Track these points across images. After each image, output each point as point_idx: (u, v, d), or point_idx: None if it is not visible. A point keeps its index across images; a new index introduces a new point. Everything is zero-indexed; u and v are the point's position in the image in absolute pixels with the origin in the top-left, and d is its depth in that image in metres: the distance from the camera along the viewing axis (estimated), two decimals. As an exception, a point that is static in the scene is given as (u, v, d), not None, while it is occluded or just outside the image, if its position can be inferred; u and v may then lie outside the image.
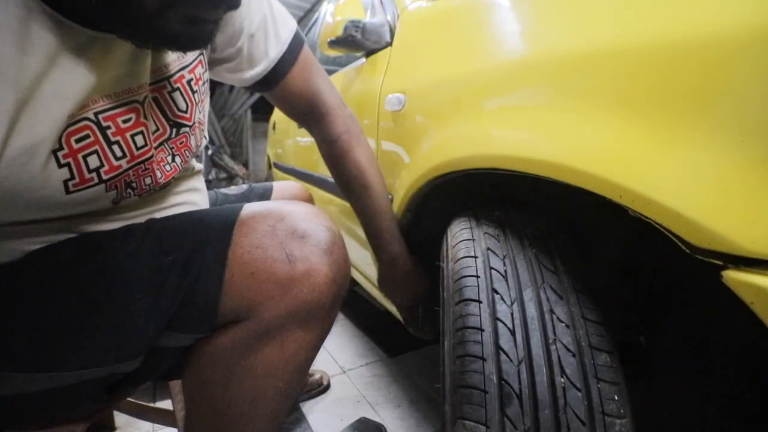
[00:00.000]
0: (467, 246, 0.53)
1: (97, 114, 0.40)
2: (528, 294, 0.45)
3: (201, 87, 0.53)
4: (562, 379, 0.39)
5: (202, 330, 0.44)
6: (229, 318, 0.44)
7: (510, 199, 0.69)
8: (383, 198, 0.73)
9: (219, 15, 0.40)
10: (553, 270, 0.48)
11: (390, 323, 1.28)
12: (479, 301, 0.46)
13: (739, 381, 0.50)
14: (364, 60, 1.01)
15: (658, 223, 0.34)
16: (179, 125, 0.51)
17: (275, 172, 2.15)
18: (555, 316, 0.43)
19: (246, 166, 6.90)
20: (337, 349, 1.36)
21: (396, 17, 0.91)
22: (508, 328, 0.43)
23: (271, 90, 0.65)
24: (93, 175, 0.41)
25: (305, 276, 0.43)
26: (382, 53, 0.92)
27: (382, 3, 0.99)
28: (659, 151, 0.35)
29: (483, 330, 0.44)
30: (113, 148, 0.42)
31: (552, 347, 0.41)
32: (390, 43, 0.90)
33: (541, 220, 0.57)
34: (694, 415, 0.54)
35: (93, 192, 0.42)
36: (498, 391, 0.40)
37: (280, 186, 1.02)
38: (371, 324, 1.54)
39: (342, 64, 1.22)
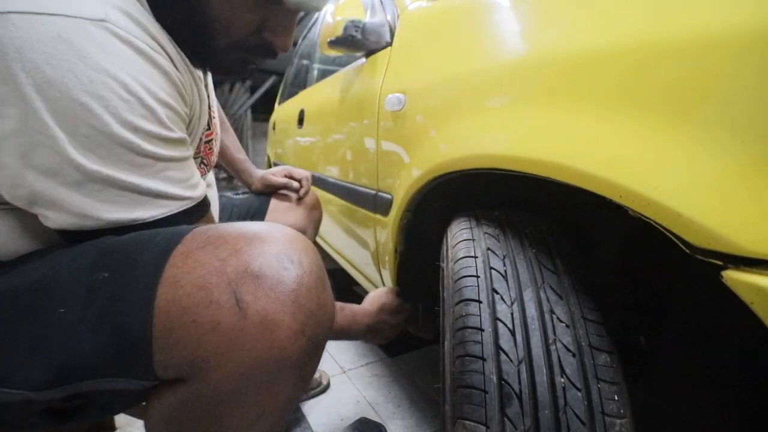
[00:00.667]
0: (467, 246, 0.53)
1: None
2: (528, 294, 0.45)
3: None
4: (562, 379, 0.39)
5: (137, 375, 0.36)
6: (173, 372, 0.36)
7: (510, 199, 0.69)
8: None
9: (262, 61, 0.51)
10: (553, 270, 0.48)
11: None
12: (479, 301, 0.46)
13: (739, 381, 0.50)
14: (364, 60, 1.01)
15: (658, 223, 0.34)
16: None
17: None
18: (555, 316, 0.43)
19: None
20: (337, 349, 1.36)
21: (396, 17, 0.91)
22: (508, 328, 0.43)
23: None
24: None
25: (260, 329, 0.35)
26: (382, 53, 0.92)
27: (382, 3, 0.99)
28: (659, 151, 0.35)
29: (483, 330, 0.44)
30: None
31: (552, 347, 0.41)
32: (390, 43, 0.90)
33: (541, 220, 0.57)
34: (694, 415, 0.54)
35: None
36: (498, 391, 0.40)
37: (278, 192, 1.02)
38: (371, 324, 1.54)
39: (342, 64, 1.22)
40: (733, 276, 0.30)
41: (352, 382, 1.19)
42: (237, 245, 0.37)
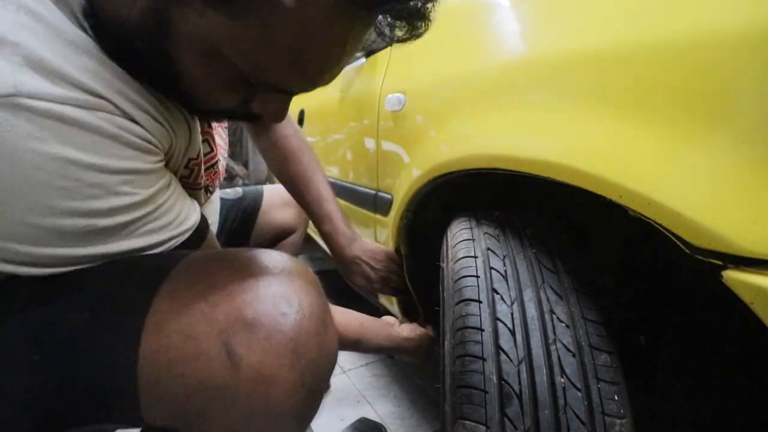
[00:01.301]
0: (467, 246, 0.53)
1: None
2: (528, 294, 0.45)
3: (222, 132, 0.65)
4: (562, 379, 0.39)
5: (127, 421, 0.35)
6: (163, 422, 0.34)
7: (510, 199, 0.69)
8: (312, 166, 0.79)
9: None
10: (553, 270, 0.48)
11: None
12: (479, 301, 0.46)
13: (739, 381, 0.50)
14: (364, 60, 1.01)
15: (658, 223, 0.34)
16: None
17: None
18: (555, 316, 0.43)
19: (246, 166, 6.89)
20: (337, 349, 1.36)
21: (396, 17, 0.91)
22: (508, 328, 0.43)
23: None
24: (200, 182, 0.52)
25: (254, 385, 0.31)
26: (382, 53, 0.92)
27: (382, 3, 0.99)
28: (659, 151, 0.35)
29: (483, 330, 0.44)
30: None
31: (552, 347, 0.41)
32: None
33: (541, 220, 0.57)
34: (694, 415, 0.54)
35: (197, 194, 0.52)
36: (498, 391, 0.40)
37: (270, 190, 1.01)
38: (371, 324, 1.54)
39: (342, 64, 1.22)
40: (733, 276, 0.30)
41: (352, 382, 1.19)
42: (229, 286, 0.33)
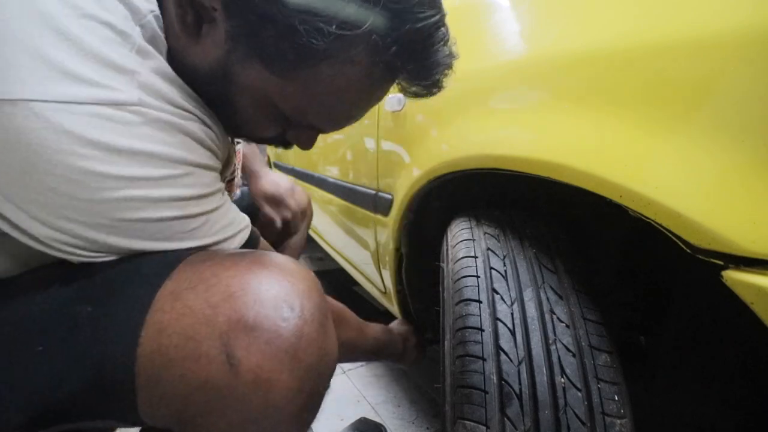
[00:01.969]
0: (467, 246, 0.53)
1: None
2: (528, 294, 0.45)
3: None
4: (562, 379, 0.39)
5: (123, 418, 0.35)
6: (160, 422, 0.34)
7: (510, 199, 0.69)
8: None
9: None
10: (553, 270, 0.48)
11: (390, 323, 1.28)
12: (479, 301, 0.46)
13: (739, 381, 0.50)
14: (364, 60, 1.01)
15: (658, 224, 0.34)
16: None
17: (275, 171, 2.15)
18: (555, 316, 0.43)
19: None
20: (337, 349, 1.36)
21: (396, 17, 0.91)
22: (508, 328, 0.43)
23: None
24: None
25: (253, 388, 0.32)
26: (382, 53, 0.92)
27: (382, 3, 0.98)
28: (659, 152, 0.35)
29: (483, 330, 0.44)
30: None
31: (552, 347, 0.41)
32: (390, 43, 0.90)
33: (541, 220, 0.57)
34: (694, 415, 0.54)
35: None
36: (498, 391, 0.40)
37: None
38: (371, 324, 1.54)
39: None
40: (733, 276, 0.30)
41: (352, 382, 1.19)
42: (231, 288, 0.34)
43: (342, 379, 1.20)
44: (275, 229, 0.92)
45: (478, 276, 0.48)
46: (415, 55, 0.39)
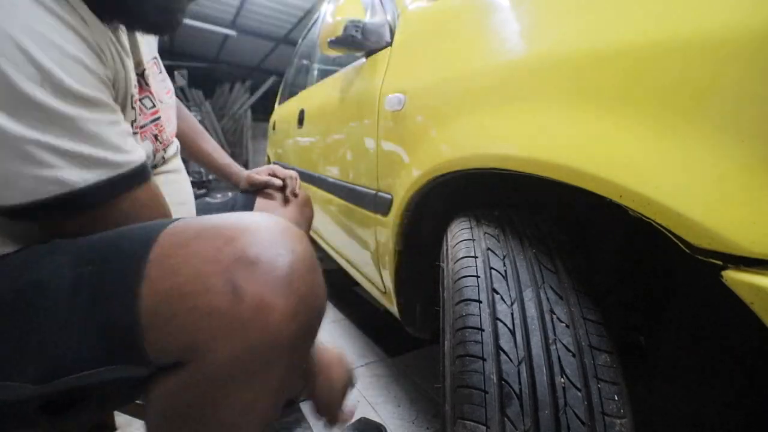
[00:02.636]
0: (467, 246, 0.53)
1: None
2: (528, 294, 0.45)
3: (159, 76, 0.66)
4: (562, 379, 0.39)
5: (129, 361, 0.38)
6: (170, 357, 0.38)
7: (510, 199, 0.69)
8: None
9: (184, 5, 0.51)
10: (553, 270, 0.48)
11: (390, 323, 1.28)
12: (479, 301, 0.46)
13: (739, 381, 0.50)
14: (364, 60, 1.01)
15: (658, 223, 0.34)
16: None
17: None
18: (555, 316, 0.43)
19: (246, 166, 6.90)
20: (337, 349, 1.36)
21: (396, 17, 0.91)
22: (508, 328, 0.43)
23: None
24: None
25: (255, 313, 0.36)
26: (382, 53, 0.92)
27: (382, 3, 0.99)
28: (660, 152, 0.35)
29: (483, 330, 0.44)
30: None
31: (552, 347, 0.41)
32: (390, 43, 0.90)
33: (541, 220, 0.57)
34: (694, 415, 0.54)
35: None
36: (498, 391, 0.40)
37: (265, 195, 0.98)
38: (371, 324, 1.54)
39: (342, 64, 1.22)
40: (733, 276, 0.30)
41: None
42: (232, 234, 0.39)
43: (342, 379, 1.20)
44: (277, 190, 0.96)
45: (478, 276, 0.48)
46: None
